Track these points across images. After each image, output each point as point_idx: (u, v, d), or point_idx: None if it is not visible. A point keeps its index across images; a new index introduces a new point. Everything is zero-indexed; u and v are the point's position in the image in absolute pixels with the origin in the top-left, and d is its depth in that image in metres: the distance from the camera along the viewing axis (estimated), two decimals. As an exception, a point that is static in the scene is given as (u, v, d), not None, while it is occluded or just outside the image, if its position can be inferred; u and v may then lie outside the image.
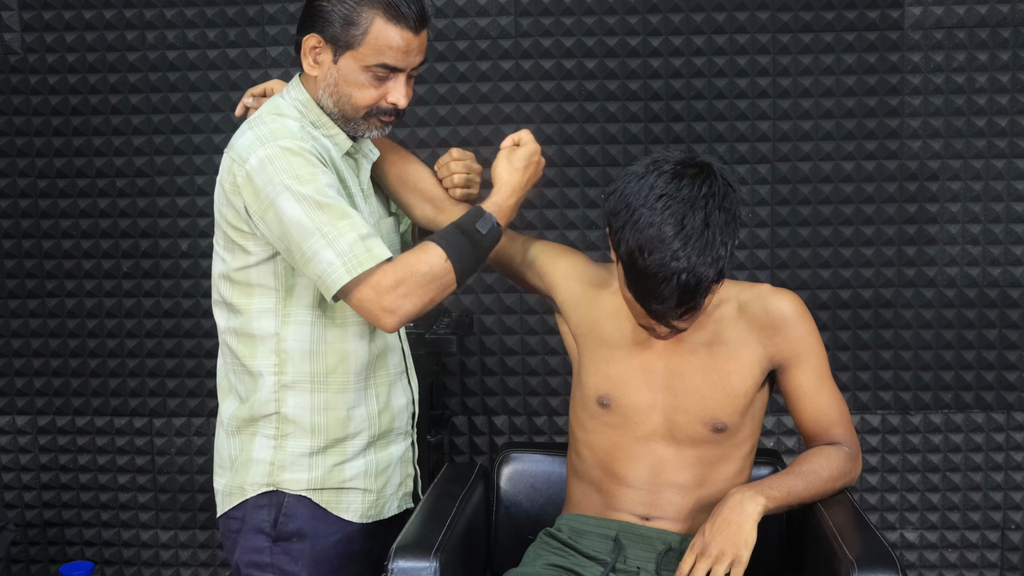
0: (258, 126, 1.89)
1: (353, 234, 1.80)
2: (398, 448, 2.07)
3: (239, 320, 1.95)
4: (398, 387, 2.07)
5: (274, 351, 1.93)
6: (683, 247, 1.77)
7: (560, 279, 2.09)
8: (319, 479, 1.95)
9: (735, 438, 1.99)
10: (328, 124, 1.94)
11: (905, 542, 3.15)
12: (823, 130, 3.02)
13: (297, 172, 1.81)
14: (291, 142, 1.83)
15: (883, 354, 3.09)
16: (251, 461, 1.95)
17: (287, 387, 1.93)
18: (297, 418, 1.94)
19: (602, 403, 2.01)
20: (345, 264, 1.79)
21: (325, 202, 1.80)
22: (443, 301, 3.10)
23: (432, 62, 3.05)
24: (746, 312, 1.99)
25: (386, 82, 1.90)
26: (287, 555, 1.94)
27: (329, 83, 1.90)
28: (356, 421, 1.98)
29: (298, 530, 1.94)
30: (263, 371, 1.94)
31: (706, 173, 1.83)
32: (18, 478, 3.28)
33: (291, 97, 1.95)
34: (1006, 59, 2.96)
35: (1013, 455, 3.10)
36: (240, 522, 1.97)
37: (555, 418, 3.16)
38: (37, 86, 3.12)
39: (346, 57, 1.88)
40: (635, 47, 3.01)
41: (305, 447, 1.94)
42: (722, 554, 1.82)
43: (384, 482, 2.04)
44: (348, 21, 1.85)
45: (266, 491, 1.95)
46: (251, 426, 1.96)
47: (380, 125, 1.95)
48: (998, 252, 3.03)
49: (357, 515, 2.00)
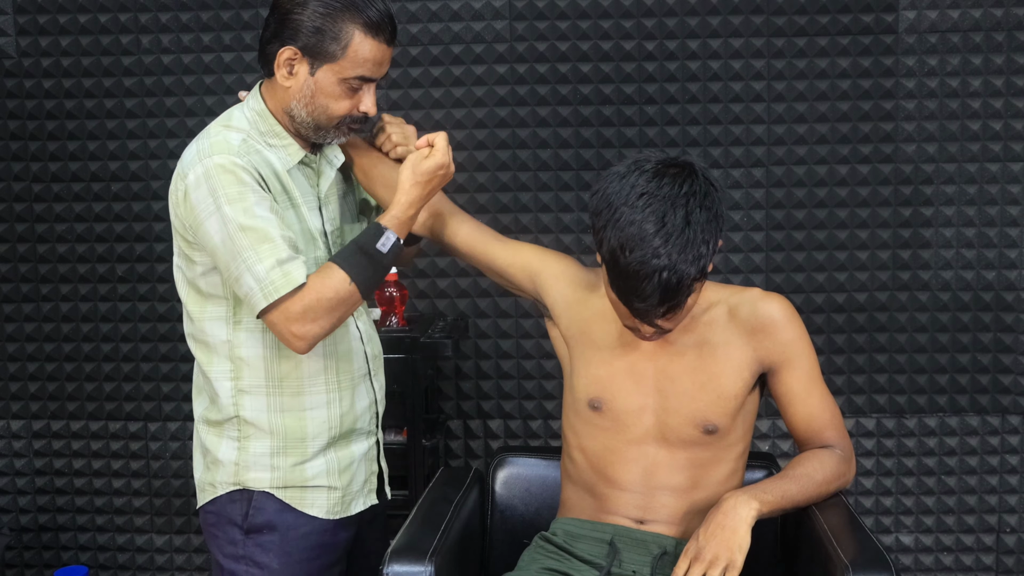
0: (202, 139, 1.93)
1: (271, 259, 1.85)
2: (360, 447, 2.09)
3: (194, 327, 2.01)
4: (361, 389, 2.10)
5: (228, 357, 1.98)
6: (664, 245, 1.77)
7: (551, 281, 2.10)
8: (281, 478, 2.00)
9: (726, 440, 1.99)
10: (281, 134, 1.97)
11: (900, 545, 3.15)
12: (818, 134, 3.02)
13: (227, 190, 1.85)
14: (225, 158, 1.87)
15: (878, 357, 3.10)
16: (219, 461, 2.01)
17: (243, 392, 1.98)
18: (255, 420, 1.98)
19: (593, 406, 2.01)
20: (263, 290, 1.85)
21: (249, 224, 1.84)
22: (438, 305, 3.12)
23: (427, 66, 3.05)
24: (736, 315, 1.99)
25: (358, 92, 1.94)
26: (259, 547, 1.99)
27: (305, 94, 1.93)
28: (314, 422, 2.01)
29: (268, 522, 1.99)
30: (219, 377, 1.99)
31: (687, 172, 1.84)
32: (13, 483, 3.28)
33: (248, 107, 1.99)
34: (1000, 63, 2.97)
35: (1008, 458, 3.11)
36: (215, 515, 2.02)
37: (550, 422, 3.16)
38: (32, 90, 3.12)
39: (324, 70, 1.91)
40: (630, 51, 3.02)
41: (265, 448, 1.99)
42: (716, 558, 1.82)
43: (349, 479, 2.07)
44: (327, 35, 1.88)
45: (235, 489, 2.00)
46: (218, 427, 2.02)
47: (348, 132, 2.00)
48: (993, 255, 3.03)
49: (323, 511, 2.03)
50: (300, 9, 1.89)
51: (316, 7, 1.88)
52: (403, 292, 2.92)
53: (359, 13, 1.88)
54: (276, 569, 1.99)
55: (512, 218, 3.09)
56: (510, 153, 3.08)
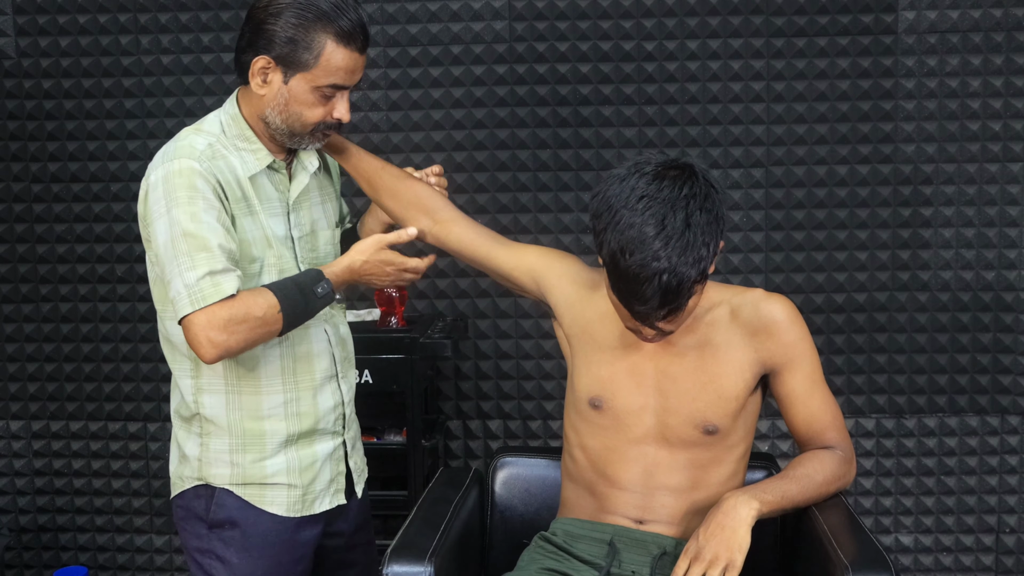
0: (172, 141, 1.97)
1: (205, 268, 1.87)
2: (324, 447, 2.11)
3: (161, 324, 2.05)
4: (326, 390, 2.11)
5: (188, 356, 2.01)
6: (664, 247, 1.77)
7: (554, 281, 2.10)
8: (240, 475, 2.03)
9: (727, 441, 1.99)
10: (251, 139, 2.00)
11: (900, 546, 3.15)
12: (817, 134, 3.03)
13: (177, 194, 1.88)
14: (185, 163, 1.90)
15: (877, 358, 3.10)
16: (186, 455, 2.06)
17: (203, 390, 2.02)
18: (214, 418, 2.02)
19: (593, 404, 2.02)
20: (190, 296, 1.87)
21: (192, 230, 1.87)
22: (437, 305, 3.12)
23: (427, 66, 3.05)
24: (738, 316, 1.99)
25: (332, 99, 1.98)
26: (221, 541, 2.03)
27: (280, 102, 1.96)
28: (272, 421, 2.04)
29: (229, 518, 2.03)
30: (181, 374, 2.04)
31: (687, 174, 1.83)
32: (12, 483, 3.28)
33: (224, 112, 2.03)
34: (999, 63, 2.97)
35: (1007, 459, 3.11)
36: (184, 509, 2.07)
37: (550, 422, 3.16)
38: (31, 91, 3.12)
39: (297, 78, 1.94)
40: (629, 51, 3.02)
41: (225, 445, 2.03)
42: (716, 558, 1.82)
43: (311, 478, 2.08)
44: (300, 44, 1.92)
45: (199, 484, 2.05)
46: (186, 423, 2.06)
47: (322, 138, 2.03)
48: (992, 256, 3.04)
49: (283, 509, 2.05)
50: (273, 19, 1.92)
51: (289, 18, 1.91)
52: (403, 292, 2.92)
53: (331, 23, 1.92)
54: (236, 564, 2.03)
55: (511, 218, 3.09)
56: (509, 153, 3.08)
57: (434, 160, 3.08)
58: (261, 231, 1.99)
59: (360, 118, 3.08)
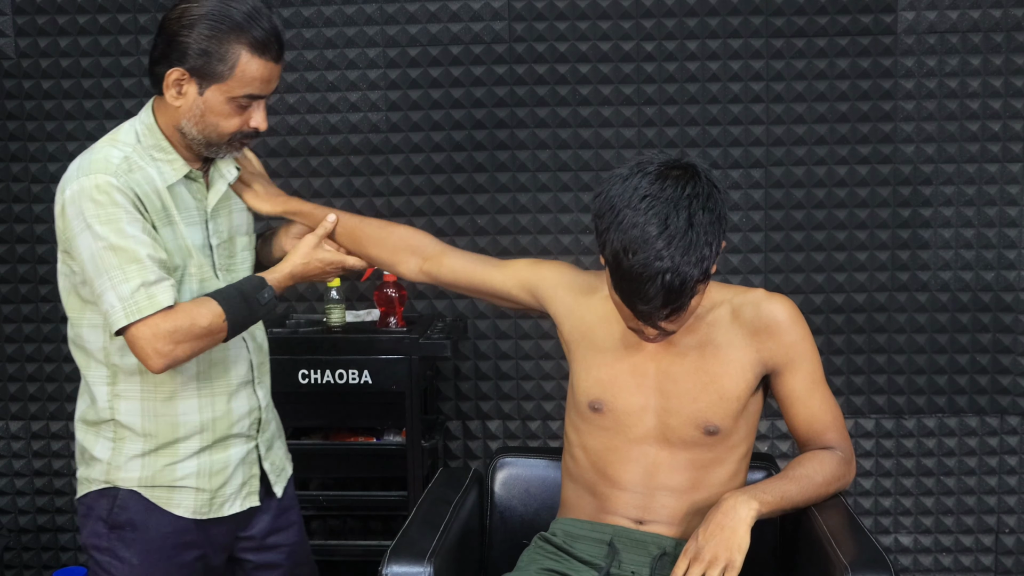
0: (87, 153, 1.98)
1: (138, 280, 1.89)
2: (238, 451, 2.12)
3: (74, 331, 2.05)
4: (241, 396, 2.12)
5: (105, 363, 2.03)
6: (667, 247, 1.77)
7: (550, 292, 2.10)
8: (150, 477, 2.04)
9: (728, 441, 1.99)
10: (167, 149, 2.01)
11: (899, 546, 3.15)
12: (817, 135, 3.03)
13: (99, 211, 1.89)
14: (102, 178, 1.90)
15: (877, 358, 3.10)
16: (94, 459, 2.06)
17: (119, 396, 2.04)
18: (130, 424, 2.03)
19: (593, 407, 2.02)
20: (125, 309, 1.89)
21: (119, 244, 1.89)
22: (437, 306, 3.12)
23: (426, 67, 3.05)
24: (740, 316, 1.99)
25: (248, 109, 1.99)
26: (121, 541, 2.04)
27: (195, 114, 1.97)
28: (187, 426, 2.05)
29: (130, 520, 2.04)
30: (96, 381, 2.05)
31: (690, 174, 1.83)
32: (11, 483, 3.28)
33: (139, 121, 2.04)
34: (999, 64, 2.97)
35: (1007, 459, 3.11)
36: (86, 508, 2.08)
37: (549, 422, 3.16)
38: (31, 91, 3.12)
39: (212, 89, 1.95)
40: (629, 51, 3.02)
41: (138, 449, 2.04)
42: (715, 559, 1.82)
43: (222, 482, 2.09)
44: (214, 56, 1.92)
45: (106, 486, 2.05)
46: (95, 427, 2.07)
47: (239, 147, 2.05)
48: (991, 256, 3.04)
49: (189, 511, 2.06)
50: (187, 31, 1.92)
51: (202, 29, 1.92)
52: (402, 293, 2.92)
53: (245, 34, 1.92)
54: (136, 565, 2.04)
55: (511, 219, 3.10)
56: (509, 154, 3.08)
57: (434, 161, 3.08)
58: (180, 241, 2.01)
59: (360, 119, 3.08)
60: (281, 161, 3.11)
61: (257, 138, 2.05)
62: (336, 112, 3.09)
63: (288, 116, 3.09)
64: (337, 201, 3.11)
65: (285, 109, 3.08)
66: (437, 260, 2.18)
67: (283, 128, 3.09)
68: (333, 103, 3.08)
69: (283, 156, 3.11)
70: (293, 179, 3.11)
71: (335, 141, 3.10)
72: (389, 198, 3.11)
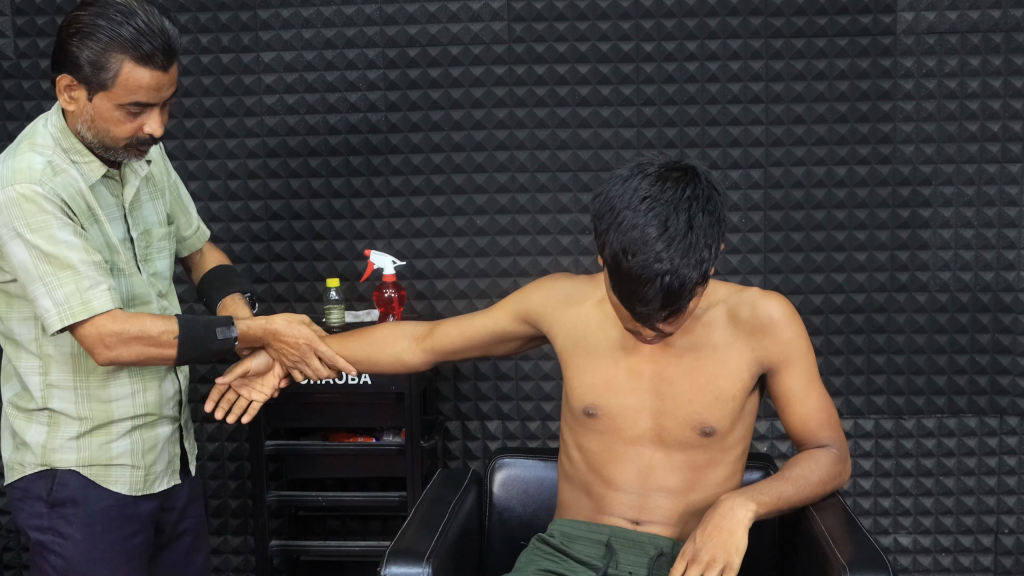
0: (8, 159, 2.01)
1: (72, 286, 1.96)
2: (165, 430, 2.20)
3: (3, 325, 2.11)
4: (167, 379, 2.20)
5: (37, 355, 2.09)
6: (666, 249, 1.77)
7: (539, 311, 2.12)
8: (87, 458, 2.11)
9: (724, 442, 1.99)
10: (83, 152, 2.05)
11: (899, 546, 3.15)
12: (816, 135, 3.03)
13: (28, 220, 1.95)
14: (28, 187, 1.95)
15: (876, 359, 3.10)
16: (27, 444, 2.11)
17: (52, 386, 2.10)
18: (64, 410, 2.10)
19: (588, 412, 2.02)
20: (59, 313, 1.97)
21: (51, 252, 1.95)
22: (436, 306, 3.12)
23: (425, 67, 3.05)
24: (735, 316, 1.99)
25: (140, 116, 2.01)
26: (62, 519, 2.10)
27: (86, 119, 2.00)
28: (120, 409, 2.13)
29: (71, 497, 2.10)
30: (28, 371, 2.10)
31: (690, 176, 1.83)
32: (11, 484, 3.28)
33: (51, 124, 2.06)
34: (998, 64, 2.97)
35: (1006, 459, 3.11)
36: (22, 491, 2.13)
37: (548, 423, 3.16)
38: (30, 91, 3.12)
39: (100, 96, 1.98)
40: (628, 52, 3.02)
41: (73, 432, 2.10)
42: (713, 560, 1.82)
43: (152, 460, 2.18)
44: (97, 65, 1.95)
45: (41, 469, 2.11)
46: (26, 413, 2.12)
47: (139, 153, 2.07)
48: (991, 256, 3.03)
49: (125, 488, 2.14)
50: (73, 39, 1.96)
51: (84, 38, 1.95)
52: (401, 294, 2.92)
53: (128, 43, 1.94)
54: (79, 540, 2.10)
55: (510, 219, 3.09)
56: (508, 155, 3.08)
57: (433, 161, 3.08)
58: (107, 237, 2.07)
59: (359, 119, 3.08)
60: (280, 162, 3.11)
61: (154, 143, 2.07)
62: (335, 113, 3.09)
63: (287, 117, 3.09)
64: (336, 201, 3.11)
65: (284, 110, 3.08)
66: (432, 336, 2.22)
67: (282, 129, 3.10)
68: (333, 104, 3.08)
69: (282, 157, 3.11)
70: (293, 179, 3.11)
71: (335, 142, 3.10)
72: (388, 199, 3.11)
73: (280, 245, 3.15)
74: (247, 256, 3.14)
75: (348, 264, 3.14)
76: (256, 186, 3.13)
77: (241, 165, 3.12)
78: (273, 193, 3.13)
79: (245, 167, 3.12)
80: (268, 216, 3.14)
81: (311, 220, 3.13)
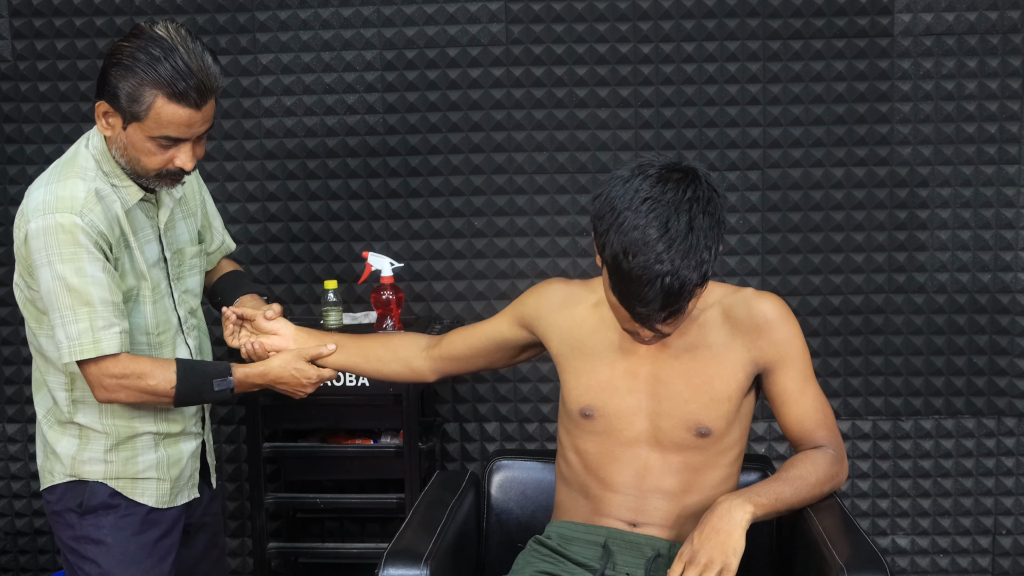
0: (50, 184, 2.05)
1: (86, 323, 2.02)
2: (188, 446, 2.26)
3: (33, 338, 2.17)
4: None
5: (63, 371, 2.14)
6: (667, 250, 1.77)
7: (534, 315, 2.13)
8: (115, 471, 2.17)
9: (721, 443, 1.99)
10: (122, 176, 2.10)
11: (896, 548, 3.15)
12: (813, 137, 3.03)
13: (61, 250, 2.00)
14: (68, 218, 2.00)
15: (874, 360, 3.10)
16: (57, 454, 2.17)
17: (78, 401, 2.15)
18: (90, 424, 2.15)
19: (584, 414, 2.02)
20: (69, 348, 2.04)
21: (75, 285, 2.01)
22: (434, 308, 3.13)
23: (423, 69, 3.05)
24: (730, 316, 1.99)
25: (171, 148, 2.04)
26: (93, 526, 2.16)
27: (120, 145, 2.05)
28: (143, 425, 2.18)
29: (102, 503, 2.17)
30: (56, 387, 2.16)
31: (691, 177, 1.84)
32: (8, 486, 3.28)
33: (92, 145, 2.10)
34: (995, 66, 2.97)
35: (1004, 460, 3.11)
36: (56, 502, 2.19)
37: (546, 425, 3.16)
38: (28, 93, 3.12)
39: (133, 127, 2.02)
40: (625, 54, 3.02)
41: (100, 446, 2.16)
42: (711, 562, 1.82)
43: (177, 473, 2.24)
44: (132, 97, 1.99)
45: (70, 480, 2.17)
46: (59, 425, 2.18)
47: (171, 183, 2.11)
48: (988, 258, 3.04)
49: (152, 500, 2.20)
50: (115, 70, 2.00)
51: (122, 70, 1.99)
52: (399, 295, 2.92)
53: (163, 81, 1.97)
54: (111, 544, 2.15)
55: (508, 220, 3.10)
56: (506, 156, 3.08)
57: (431, 163, 3.08)
58: (136, 264, 2.11)
59: (357, 121, 3.08)
60: (278, 163, 3.11)
61: (187, 174, 2.10)
62: (333, 114, 3.09)
63: (285, 119, 3.09)
64: (334, 203, 3.11)
65: (282, 112, 3.08)
66: (441, 345, 2.25)
67: (280, 131, 3.09)
68: (330, 105, 3.08)
69: (280, 158, 3.11)
70: (290, 181, 3.12)
71: (332, 144, 3.10)
72: (386, 200, 3.11)
73: (278, 247, 3.16)
74: (245, 258, 3.13)
75: (346, 266, 3.14)
76: (254, 188, 3.13)
77: (239, 167, 3.12)
78: (271, 195, 3.13)
79: (243, 169, 3.12)
80: (266, 218, 3.14)
81: (309, 222, 3.13)
